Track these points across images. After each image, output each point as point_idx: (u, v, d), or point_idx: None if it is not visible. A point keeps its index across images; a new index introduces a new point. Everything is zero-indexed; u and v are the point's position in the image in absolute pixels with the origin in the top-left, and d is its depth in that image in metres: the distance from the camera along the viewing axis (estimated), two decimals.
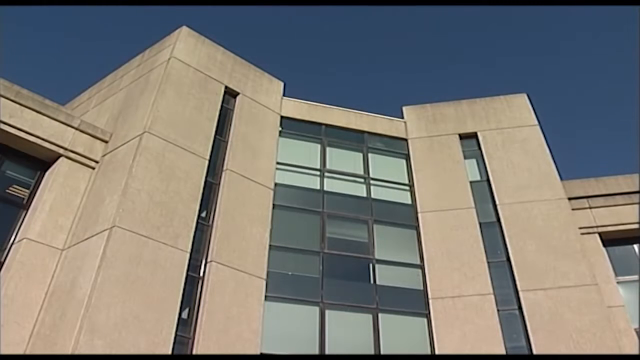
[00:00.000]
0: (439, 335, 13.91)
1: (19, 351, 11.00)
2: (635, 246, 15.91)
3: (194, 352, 11.70)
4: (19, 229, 12.54)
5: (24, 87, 13.49)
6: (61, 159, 13.53)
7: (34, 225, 12.34)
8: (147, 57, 16.36)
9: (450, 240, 15.45)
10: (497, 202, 16.09)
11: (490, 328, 13.80)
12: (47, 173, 13.56)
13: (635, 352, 13.76)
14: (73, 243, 12.37)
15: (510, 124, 17.91)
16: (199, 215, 13.26)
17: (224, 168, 14.64)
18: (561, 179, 16.35)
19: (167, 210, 12.60)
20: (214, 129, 14.94)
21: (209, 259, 13.01)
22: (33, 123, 13.27)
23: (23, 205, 12.94)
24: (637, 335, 14.07)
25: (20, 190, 13.12)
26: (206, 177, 13.95)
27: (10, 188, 13.06)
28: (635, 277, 15.19)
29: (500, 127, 17.85)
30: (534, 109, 18.20)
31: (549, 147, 17.11)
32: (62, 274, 11.94)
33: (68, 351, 10.11)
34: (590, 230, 15.71)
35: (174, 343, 11.38)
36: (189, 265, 12.43)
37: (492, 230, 15.64)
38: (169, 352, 11.16)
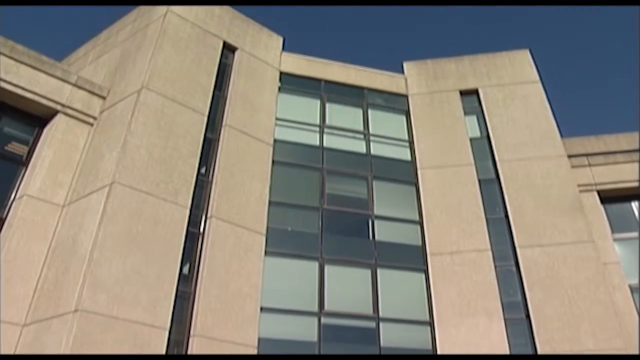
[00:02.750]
0: (436, 290, 14.14)
1: (25, 305, 11.23)
2: (633, 204, 16.00)
3: (195, 307, 11.89)
4: (19, 185, 12.58)
5: (19, 43, 13.29)
6: (59, 115, 13.45)
7: (34, 182, 12.37)
8: (144, 11, 16.06)
9: (449, 197, 15.52)
10: (496, 159, 16.09)
11: (487, 283, 14.01)
12: (45, 130, 13.50)
13: (627, 305, 13.98)
14: (73, 199, 12.43)
15: (512, 80, 17.74)
16: (198, 171, 13.28)
17: (223, 124, 14.57)
18: (561, 136, 16.31)
19: (166, 167, 12.61)
20: (212, 85, 14.80)
21: (208, 215, 13.09)
22: (29, 79, 13.13)
23: (22, 162, 12.93)
24: (630, 291, 14.30)
25: (19, 147, 13.09)
26: (205, 133, 13.90)
27: (9, 145, 13.02)
28: (632, 234, 15.33)
29: (502, 84, 17.69)
30: (536, 65, 18.00)
31: (550, 104, 17.00)
32: (64, 230, 12.05)
33: (72, 306, 10.30)
34: (589, 188, 15.76)
35: (176, 297, 11.57)
36: (189, 221, 12.51)
37: (491, 187, 15.69)
38: (171, 306, 11.36)
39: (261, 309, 12.73)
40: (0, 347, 10.59)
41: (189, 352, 11.45)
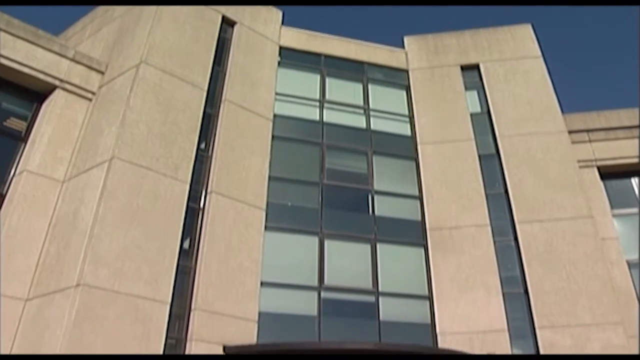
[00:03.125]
0: (435, 265, 14.23)
1: (27, 280, 11.32)
2: (633, 180, 16.02)
3: (196, 281, 11.99)
4: (18, 161, 12.56)
5: (15, 17, 13.14)
6: (57, 90, 13.37)
7: (33, 158, 12.36)
8: None
9: (449, 172, 15.53)
10: (497, 134, 16.05)
11: (486, 258, 14.10)
12: (43, 105, 13.42)
13: (625, 280, 14.11)
14: (73, 175, 12.43)
15: (513, 55, 17.61)
16: (198, 146, 13.25)
17: (223, 99, 14.50)
18: (562, 112, 16.24)
19: (166, 142, 12.59)
20: (211, 59, 14.68)
21: (208, 190, 13.11)
22: (26, 54, 13.01)
23: (21, 138, 12.89)
24: (628, 266, 14.40)
25: (18, 123, 13.03)
26: (205, 108, 13.83)
27: (8, 121, 12.95)
28: (631, 210, 15.37)
29: (503, 59, 17.56)
30: (538, 40, 17.84)
31: (551, 79, 16.90)
32: (64, 205, 12.08)
33: (73, 280, 10.38)
34: (589, 163, 15.76)
35: (176, 272, 11.66)
36: (189, 196, 12.53)
37: (491, 162, 15.69)
38: (172, 281, 11.45)
39: (261, 283, 12.82)
40: (1, 322, 10.69)
41: (190, 326, 11.57)
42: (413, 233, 14.86)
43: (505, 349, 12.98)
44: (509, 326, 13.26)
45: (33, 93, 13.45)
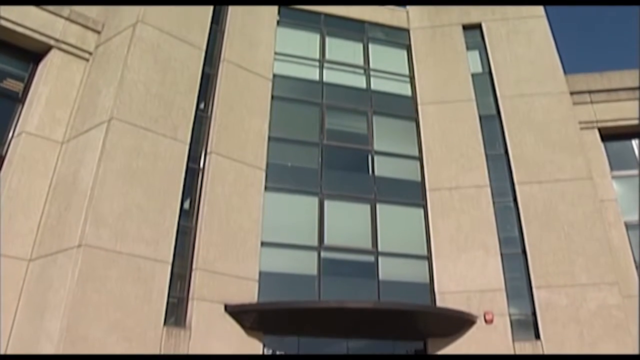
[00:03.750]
0: (434, 225, 14.32)
1: (29, 241, 11.38)
2: (633, 141, 15.98)
3: (197, 241, 12.08)
4: (16, 123, 12.47)
5: None
6: (53, 50, 13.16)
7: (31, 119, 12.27)
8: None
9: (449, 133, 15.47)
10: (498, 94, 15.92)
11: (485, 219, 14.19)
12: (39, 66, 13.21)
13: (622, 242, 14.23)
14: (72, 136, 12.38)
15: (516, 15, 17.29)
16: (197, 107, 13.15)
17: (222, 58, 14.31)
18: (565, 73, 16.05)
19: (164, 102, 12.49)
20: (209, 19, 14.41)
21: (208, 151, 13.09)
22: (20, 13, 12.72)
23: (18, 99, 12.74)
24: (626, 227, 14.50)
25: (14, 84, 12.86)
26: (203, 68, 13.67)
27: (4, 82, 12.76)
28: (630, 171, 15.38)
29: (506, 18, 17.25)
30: None
31: (554, 39, 16.66)
32: (64, 166, 12.06)
33: (75, 241, 10.46)
34: (590, 125, 15.68)
35: (177, 232, 11.73)
36: (188, 157, 12.51)
37: (491, 123, 15.61)
38: (173, 241, 11.53)
39: (262, 243, 12.92)
40: (4, 282, 10.82)
41: (191, 285, 11.71)
42: (413, 193, 14.91)
43: (502, 308, 13.19)
44: (506, 286, 13.44)
45: (29, 53, 13.23)
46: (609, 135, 15.81)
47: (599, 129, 15.71)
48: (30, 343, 10.25)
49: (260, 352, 12.13)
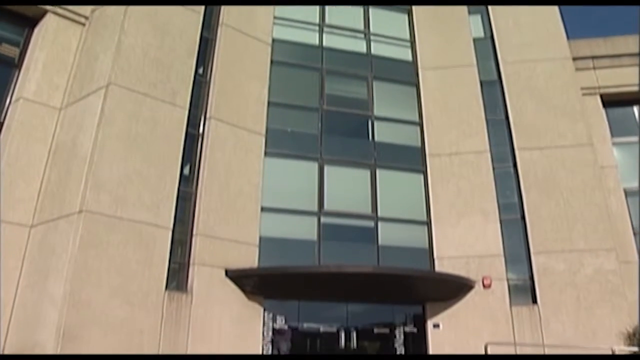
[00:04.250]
0: (434, 190, 14.35)
1: (30, 207, 11.42)
2: (635, 108, 15.88)
3: (197, 207, 12.12)
4: (14, 89, 12.33)
5: None
6: (48, 15, 12.90)
7: (29, 85, 12.15)
8: None
9: (450, 98, 15.36)
10: (499, 60, 15.74)
11: (484, 185, 14.21)
12: (35, 31, 12.98)
13: (620, 208, 14.28)
14: (70, 102, 12.28)
15: None
16: (195, 72, 13.02)
17: (220, 23, 14.08)
18: (568, 38, 15.84)
19: (163, 67, 12.36)
20: None
21: (207, 116, 13.02)
22: None
23: (15, 65, 12.57)
24: (625, 194, 14.52)
25: (10, 49, 12.65)
26: (201, 33, 13.47)
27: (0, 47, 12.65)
28: (631, 138, 15.32)
29: None
30: None
31: (558, 4, 16.38)
32: (63, 132, 12.01)
33: (76, 207, 10.50)
34: (592, 91, 15.55)
35: (177, 198, 11.77)
36: (188, 122, 12.46)
37: (492, 88, 15.49)
38: (173, 206, 11.57)
39: (262, 208, 12.97)
40: (4, 248, 10.90)
41: (192, 251, 11.80)
42: (412, 159, 14.89)
43: (501, 273, 13.32)
44: (504, 251, 13.56)
45: (24, 18, 12.97)
46: (611, 101, 15.71)
47: (601, 95, 15.60)
48: (34, 308, 10.38)
49: (261, 316, 12.30)
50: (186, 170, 12.40)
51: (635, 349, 12.06)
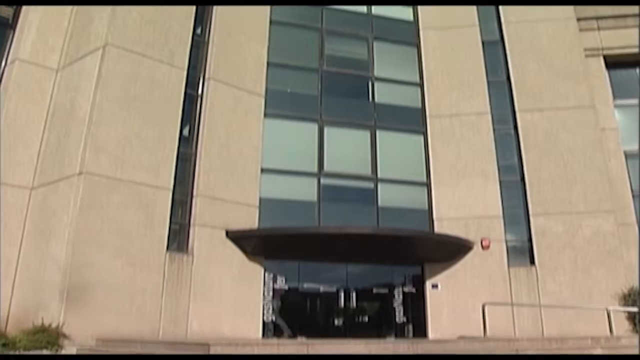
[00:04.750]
0: (434, 152, 14.32)
1: (30, 169, 11.40)
2: (638, 70, 15.64)
3: (197, 168, 12.13)
4: (9, 50, 12.14)
5: None
6: None
7: (24, 46, 11.98)
8: None
9: (451, 59, 15.17)
10: (502, 20, 15.46)
11: (484, 146, 14.18)
12: None
13: (620, 170, 14.26)
14: (67, 63, 12.12)
15: None
16: (194, 33, 12.85)
17: None
18: None
19: (160, 28, 12.17)
20: None
21: (206, 77, 12.90)
22: None
23: (9, 25, 12.35)
24: (625, 156, 14.47)
25: (4, 10, 12.34)
26: None
27: None
28: (633, 100, 15.14)
29: None
30: None
31: None
32: (60, 94, 11.89)
33: (76, 169, 10.49)
34: (595, 52, 15.25)
35: (177, 159, 11.76)
36: (186, 83, 12.35)
37: (494, 49, 15.27)
38: (173, 168, 11.57)
39: (262, 169, 12.98)
40: (4, 210, 10.95)
41: (192, 212, 11.87)
42: (413, 120, 14.81)
43: (499, 234, 13.43)
44: (504, 213, 13.63)
45: None
46: (614, 63, 15.44)
47: (605, 57, 15.32)
48: (37, 269, 10.49)
49: (261, 277, 12.44)
50: (185, 132, 12.36)
51: (630, 308, 12.25)
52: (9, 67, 11.95)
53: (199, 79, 12.88)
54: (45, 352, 9.32)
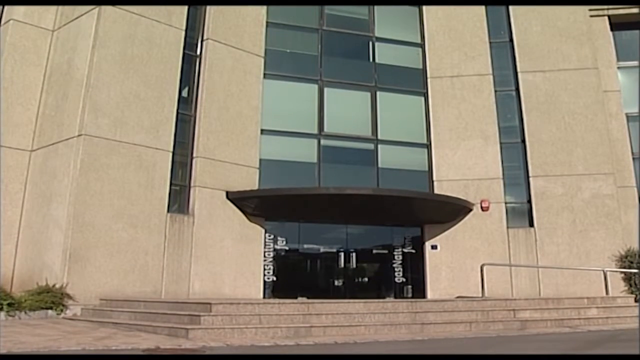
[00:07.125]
0: (435, 113, 14.24)
1: (29, 131, 11.38)
2: None
3: (196, 129, 12.08)
4: (2, 10, 11.95)
5: None
6: None
7: (17, 6, 11.73)
8: None
9: (453, 19, 14.92)
10: None
11: (486, 108, 14.08)
12: None
13: (621, 133, 14.19)
14: (62, 23, 11.93)
15: None
16: None
17: None
18: None
19: None
20: None
21: (205, 37, 12.73)
22: None
23: None
24: (626, 119, 14.37)
25: None
26: None
27: None
28: (636, 62, 14.91)
29: None
30: None
31: None
32: (57, 55, 11.75)
33: (75, 131, 10.45)
34: (601, 12, 14.91)
35: (177, 120, 11.72)
36: (185, 44, 12.20)
37: (497, 9, 14.99)
38: (173, 129, 11.53)
39: (262, 130, 12.94)
40: (3, 173, 10.94)
41: (192, 173, 11.88)
42: (414, 81, 14.68)
43: (499, 196, 13.46)
44: (504, 174, 13.64)
45: None
46: (620, 23, 15.09)
47: (609, 17, 15.00)
48: (39, 230, 10.57)
49: (262, 237, 12.53)
50: (184, 93, 12.28)
51: (627, 270, 12.39)
52: (4, 27, 11.79)
53: (197, 39, 12.71)
54: (50, 312, 9.47)
